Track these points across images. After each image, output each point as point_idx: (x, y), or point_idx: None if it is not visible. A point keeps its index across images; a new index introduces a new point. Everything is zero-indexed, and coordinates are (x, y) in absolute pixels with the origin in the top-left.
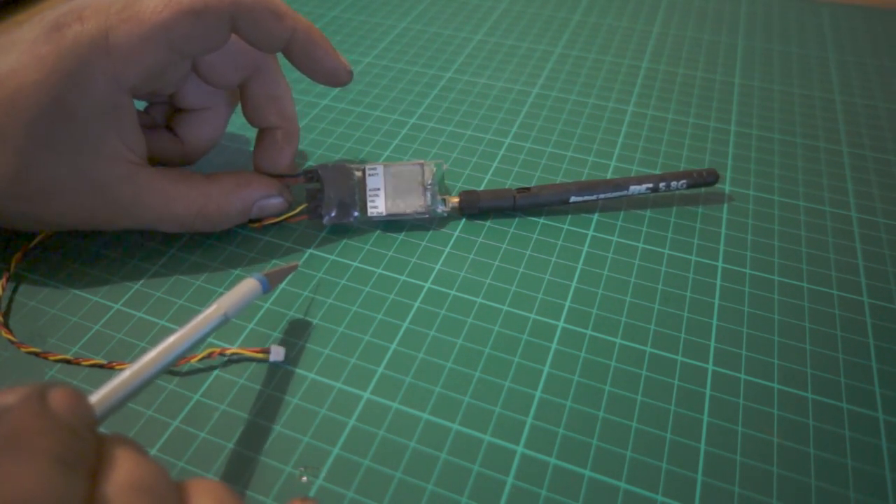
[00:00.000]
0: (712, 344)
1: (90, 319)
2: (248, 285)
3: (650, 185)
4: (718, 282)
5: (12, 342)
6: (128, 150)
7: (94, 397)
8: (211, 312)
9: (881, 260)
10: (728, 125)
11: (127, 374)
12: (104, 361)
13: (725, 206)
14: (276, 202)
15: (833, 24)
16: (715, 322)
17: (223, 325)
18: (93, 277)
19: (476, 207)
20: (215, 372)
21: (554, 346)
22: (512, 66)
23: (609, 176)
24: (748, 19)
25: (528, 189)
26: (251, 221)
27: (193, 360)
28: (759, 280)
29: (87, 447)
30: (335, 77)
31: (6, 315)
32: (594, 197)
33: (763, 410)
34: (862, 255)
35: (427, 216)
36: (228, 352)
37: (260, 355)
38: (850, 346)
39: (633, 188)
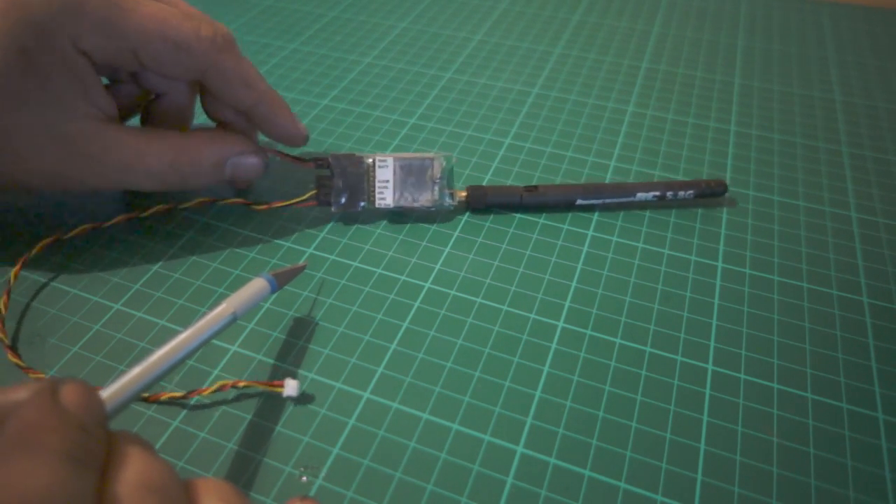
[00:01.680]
0: (712, 344)
1: (90, 319)
2: (257, 285)
3: (657, 194)
4: (718, 282)
5: (20, 367)
6: (95, 109)
7: (105, 393)
8: (220, 311)
9: (881, 260)
10: (728, 125)
11: (137, 371)
12: None
13: (725, 206)
14: (252, 161)
15: (833, 24)
16: (715, 322)
17: (231, 325)
18: (93, 277)
19: (483, 202)
20: (214, 372)
21: (554, 346)
22: (512, 66)
23: (609, 176)
24: (748, 19)
25: (535, 188)
26: (241, 195)
27: (205, 393)
28: (759, 280)
29: (97, 444)
30: (292, 141)
31: (14, 335)
32: (600, 201)
33: (763, 410)
34: (862, 255)
35: (433, 209)
36: (241, 384)
37: (273, 389)
38: (850, 346)
39: (640, 195)
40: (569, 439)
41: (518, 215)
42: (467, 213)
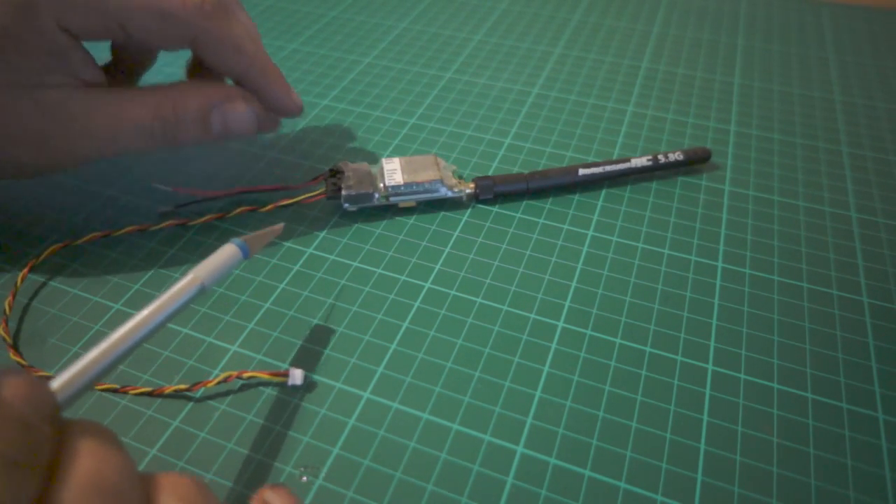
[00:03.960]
0: (712, 344)
1: (90, 319)
2: (227, 252)
3: (650, 158)
4: (718, 282)
5: (23, 366)
6: (75, 78)
7: (57, 382)
8: (186, 283)
9: (881, 260)
10: (728, 125)
11: (94, 354)
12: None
13: (725, 206)
14: (241, 112)
15: (833, 24)
16: (715, 322)
17: (200, 296)
18: (93, 277)
19: (491, 191)
20: (215, 372)
21: (554, 346)
22: (512, 66)
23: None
24: (748, 19)
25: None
26: (244, 195)
27: (210, 385)
28: (759, 280)
29: (41, 442)
30: (286, 111)
31: (14, 335)
32: (601, 169)
33: (763, 410)
34: (862, 255)
35: (441, 192)
36: (246, 375)
37: (278, 379)
38: (850, 346)
39: (635, 161)
40: (569, 439)
41: (518, 215)
42: (467, 213)
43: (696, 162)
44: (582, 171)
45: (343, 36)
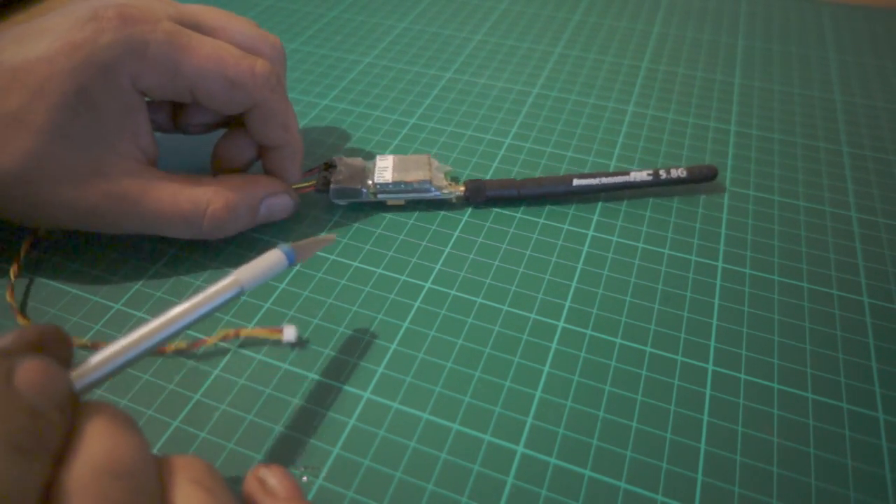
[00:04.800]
0: (712, 344)
1: (90, 319)
2: (272, 258)
3: (650, 172)
4: (718, 282)
5: None
6: (140, 151)
7: (79, 369)
8: (226, 284)
9: (881, 260)
10: (728, 125)
11: (123, 344)
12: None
13: (725, 206)
14: (284, 201)
15: (833, 24)
16: (715, 322)
17: (236, 299)
18: (93, 277)
19: (482, 195)
20: (215, 372)
21: (554, 346)
22: (512, 66)
23: None
24: (748, 19)
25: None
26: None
27: (209, 343)
28: (759, 280)
29: (51, 429)
30: (285, 180)
31: (22, 305)
32: (597, 181)
33: (763, 410)
34: (862, 255)
35: (431, 193)
36: (244, 333)
37: (273, 336)
38: (850, 346)
39: (635, 175)
40: (569, 439)
41: (518, 215)
42: (467, 214)
43: (700, 180)
44: (577, 182)
45: (343, 36)
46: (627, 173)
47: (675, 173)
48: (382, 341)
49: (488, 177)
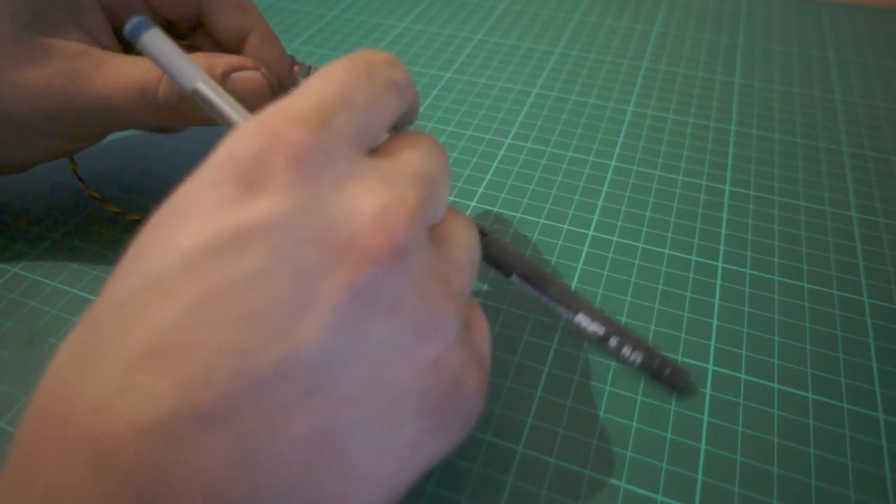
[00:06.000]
0: (712, 344)
1: None
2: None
3: (599, 332)
4: (719, 282)
5: (97, 199)
6: (88, 37)
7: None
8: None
9: (881, 260)
10: (728, 125)
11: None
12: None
13: (726, 206)
14: (253, 77)
15: (833, 24)
16: (715, 322)
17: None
18: (93, 277)
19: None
20: None
21: (554, 345)
22: (512, 66)
23: (609, 176)
24: (748, 19)
25: (486, 234)
26: None
27: None
28: (759, 280)
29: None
30: (283, 81)
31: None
32: (536, 293)
33: (763, 410)
34: (862, 255)
35: None
36: None
37: None
38: (851, 346)
39: (580, 319)
40: (569, 439)
41: (519, 215)
42: (467, 214)
43: (659, 379)
44: (516, 280)
45: (343, 36)
46: (576, 311)
47: (627, 353)
48: None
49: (488, 176)
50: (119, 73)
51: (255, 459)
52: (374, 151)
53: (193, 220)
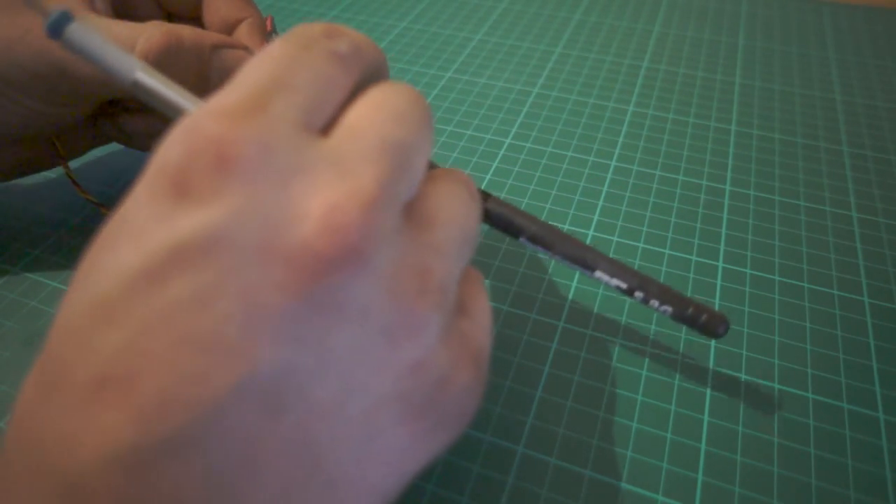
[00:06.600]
0: (712, 344)
1: None
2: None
3: (623, 286)
4: (719, 282)
5: (93, 202)
6: (87, 4)
7: None
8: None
9: (881, 260)
10: (728, 125)
11: None
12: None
13: (726, 206)
14: (240, 53)
15: (834, 23)
16: None
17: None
18: None
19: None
20: None
21: (554, 345)
22: (512, 66)
23: (609, 176)
24: (749, 19)
25: (488, 196)
26: None
27: None
28: (759, 280)
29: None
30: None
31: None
32: (548, 254)
33: (763, 410)
34: (862, 255)
35: None
36: None
37: None
38: (851, 346)
39: (600, 274)
40: (569, 439)
41: None
42: None
43: (696, 327)
44: (523, 240)
45: None
46: (593, 268)
47: (655, 304)
48: None
49: (488, 176)
50: (115, 36)
51: (230, 483)
52: (335, 123)
53: (128, 240)
